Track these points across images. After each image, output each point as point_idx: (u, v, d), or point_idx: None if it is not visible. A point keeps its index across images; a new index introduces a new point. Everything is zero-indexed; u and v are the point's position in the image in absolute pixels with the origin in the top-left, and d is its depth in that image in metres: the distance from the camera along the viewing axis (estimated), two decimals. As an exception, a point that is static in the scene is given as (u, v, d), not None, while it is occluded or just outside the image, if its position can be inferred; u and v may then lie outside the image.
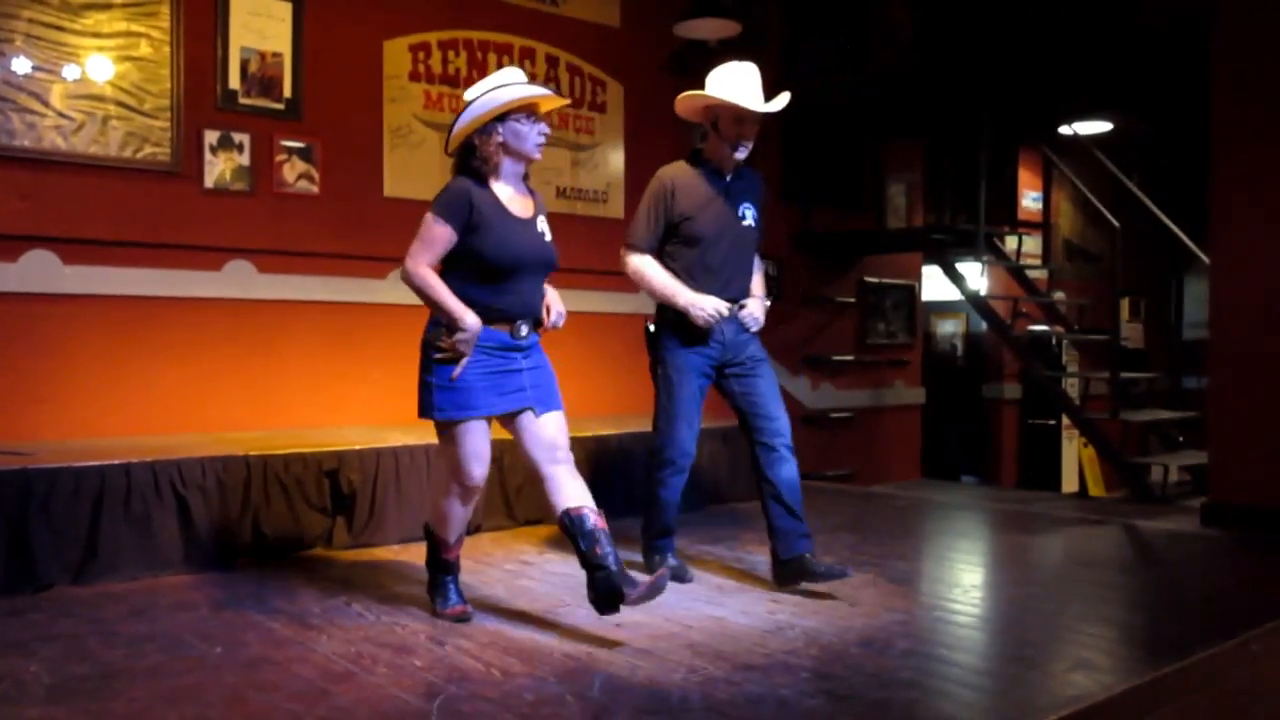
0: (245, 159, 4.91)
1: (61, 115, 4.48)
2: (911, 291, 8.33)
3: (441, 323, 3.09)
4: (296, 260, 5.07)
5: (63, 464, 3.66)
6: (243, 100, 4.92)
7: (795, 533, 3.65)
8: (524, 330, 3.16)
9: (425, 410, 3.15)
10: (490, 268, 3.09)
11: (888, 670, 2.79)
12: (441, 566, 3.35)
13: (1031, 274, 8.35)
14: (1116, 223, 7.02)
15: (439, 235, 3.07)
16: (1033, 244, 9.09)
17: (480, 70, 5.76)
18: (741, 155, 3.72)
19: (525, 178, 3.27)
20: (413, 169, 5.44)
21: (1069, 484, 8.88)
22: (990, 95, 6.92)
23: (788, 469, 3.73)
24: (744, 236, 3.77)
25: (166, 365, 4.74)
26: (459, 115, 3.12)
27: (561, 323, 3.26)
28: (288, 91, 5.04)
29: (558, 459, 3.14)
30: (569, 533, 3.06)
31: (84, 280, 4.54)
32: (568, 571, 3.90)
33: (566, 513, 3.06)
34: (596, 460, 5.03)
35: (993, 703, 2.67)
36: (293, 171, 5.05)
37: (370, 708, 2.48)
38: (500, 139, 3.11)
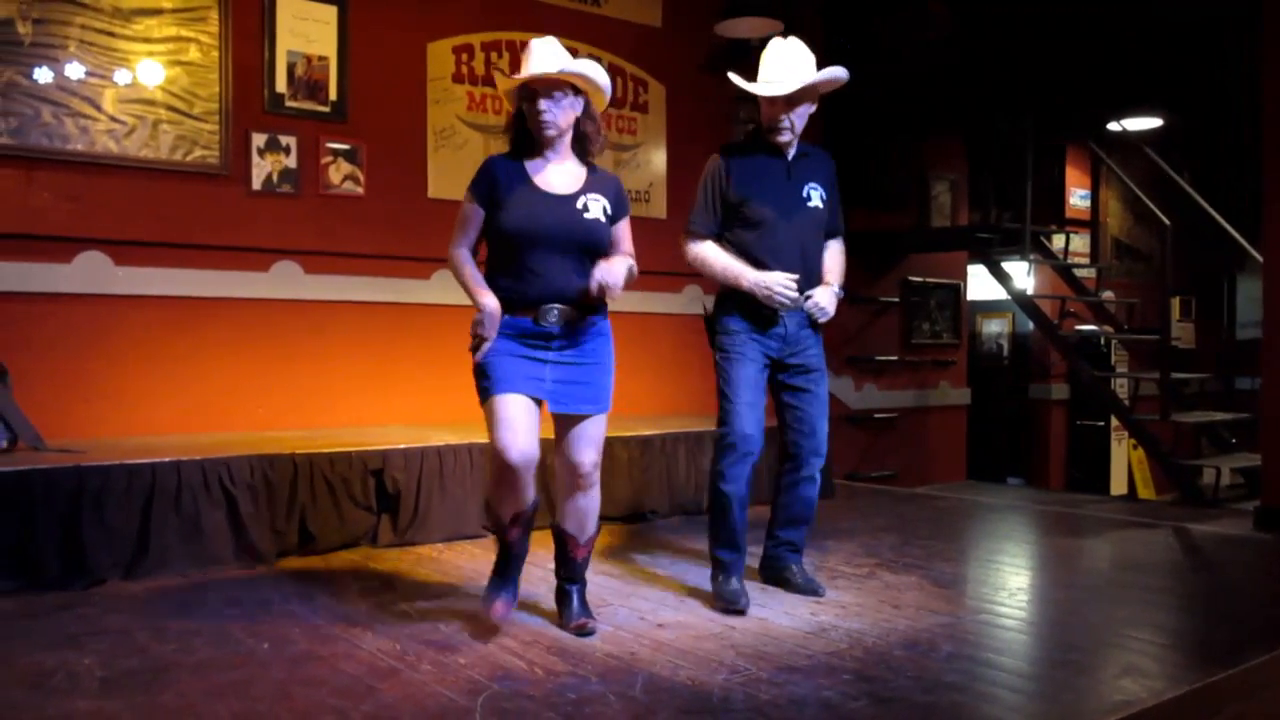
0: (292, 161, 4.98)
1: (114, 119, 4.57)
2: (956, 291, 8.25)
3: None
4: (342, 261, 5.13)
5: (115, 461, 3.72)
6: (289, 103, 4.98)
7: (790, 545, 3.71)
8: (553, 316, 2.97)
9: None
10: (507, 243, 2.98)
11: (932, 673, 2.77)
12: (500, 550, 3.16)
13: (1079, 273, 8.25)
14: (1167, 220, 6.91)
15: (468, 213, 3.04)
16: (1081, 242, 8.98)
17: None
18: (783, 139, 3.51)
19: (587, 155, 3.10)
20: (456, 170, 5.47)
21: (1118, 486, 8.76)
22: (1033, 91, 6.84)
23: (811, 490, 3.68)
24: (809, 219, 3.57)
25: (215, 365, 4.81)
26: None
27: (611, 290, 2.94)
28: (333, 94, 5.10)
29: (576, 485, 3.09)
30: (555, 542, 3.20)
31: (134, 281, 4.62)
32: (610, 571, 3.91)
33: (558, 529, 3.18)
34: (645, 460, 5.05)
35: (1040, 707, 2.63)
36: (338, 173, 5.10)
37: (415, 704, 2.50)
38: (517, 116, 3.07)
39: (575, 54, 3.12)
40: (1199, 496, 6.29)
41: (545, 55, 2.99)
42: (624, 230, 3.16)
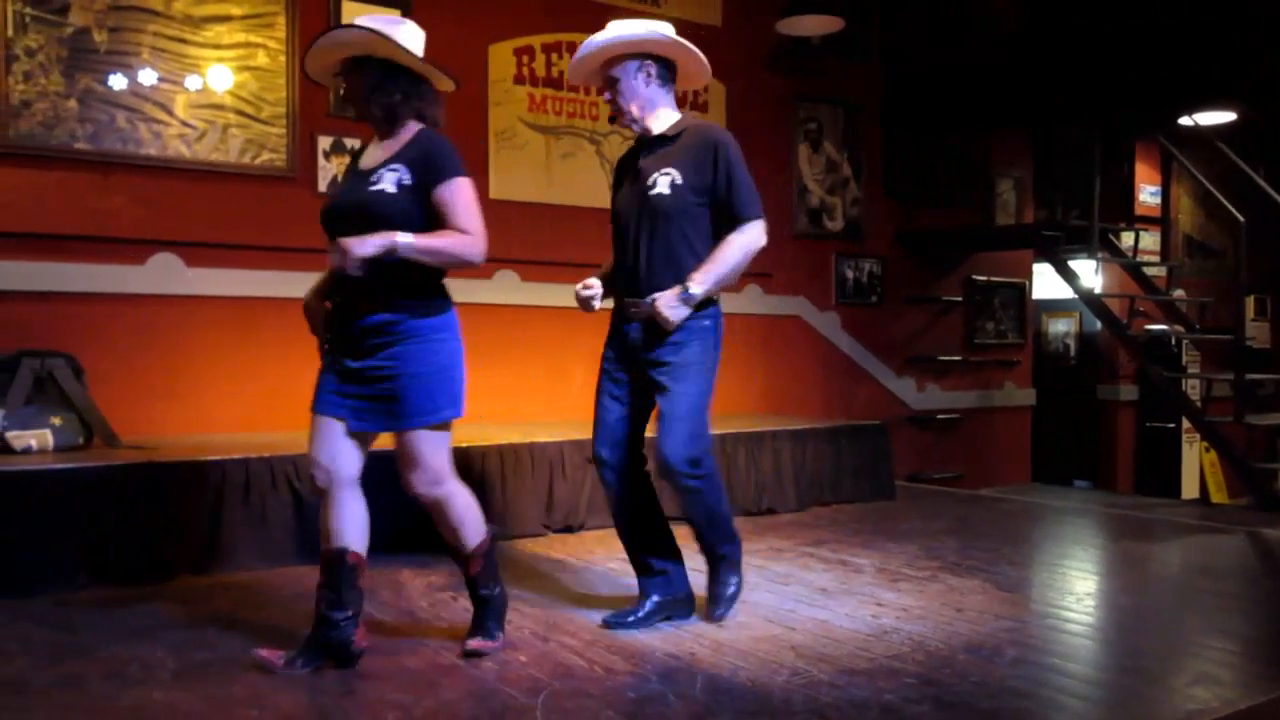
0: (356, 163, 5.04)
1: (185, 124, 4.68)
2: (1022, 290, 8.12)
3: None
4: (405, 261, 5.18)
5: (186, 458, 3.81)
6: (354, 106, 5.05)
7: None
8: (362, 307, 2.72)
9: (456, 404, 2.81)
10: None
11: (996, 678, 2.73)
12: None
13: (1149, 271, 8.05)
14: (1241, 217, 6.73)
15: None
16: (1151, 240, 8.78)
17: (583, 72, 5.81)
18: (624, 123, 3.26)
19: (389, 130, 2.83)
20: (517, 171, 5.52)
21: (1189, 490, 8.55)
22: (1102, 86, 6.70)
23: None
24: (650, 210, 3.13)
25: (282, 364, 4.89)
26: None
27: (342, 265, 2.58)
28: (397, 97, 5.15)
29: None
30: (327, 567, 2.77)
31: (205, 282, 4.73)
32: (669, 571, 3.91)
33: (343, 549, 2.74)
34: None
35: (1108, 715, 2.58)
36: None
37: (476, 701, 2.52)
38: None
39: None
40: (1273, 500, 6.12)
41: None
42: (448, 195, 2.77)
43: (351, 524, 2.76)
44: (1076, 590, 3.84)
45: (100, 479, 3.61)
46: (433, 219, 2.74)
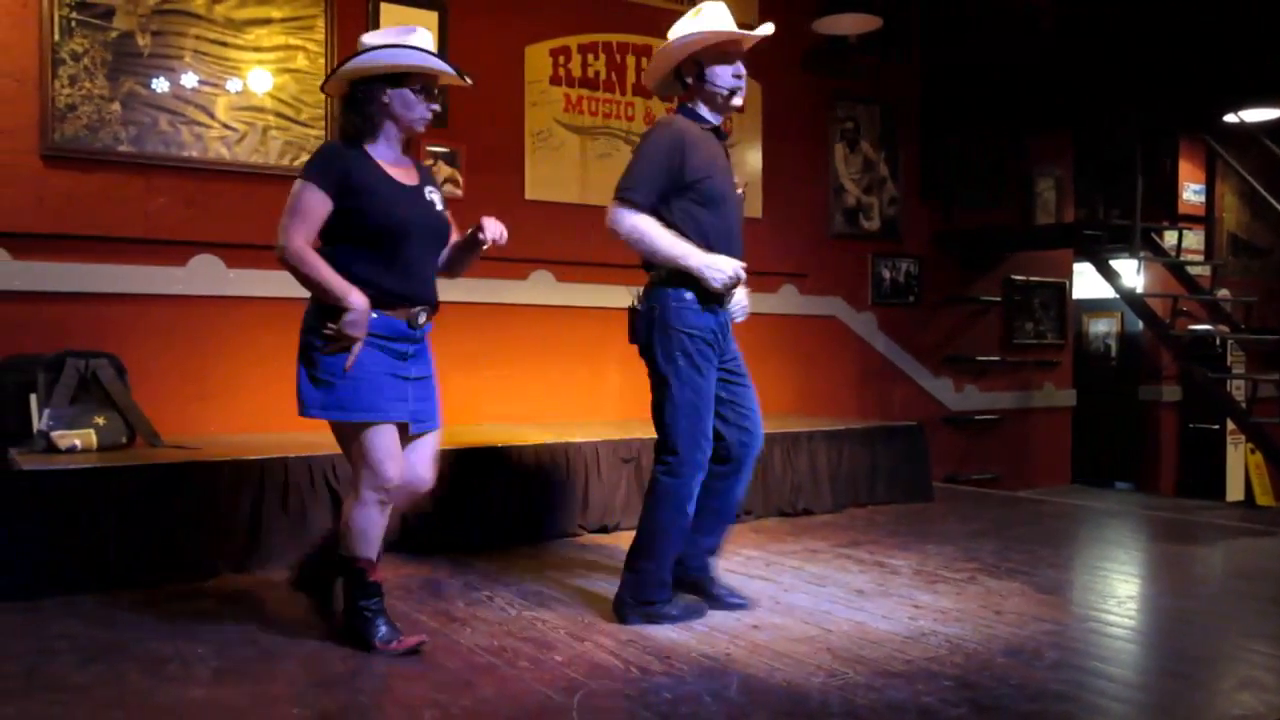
0: (394, 165, 5.07)
1: (226, 126, 4.73)
2: (1062, 290, 8.03)
3: (324, 307, 2.72)
4: (442, 262, 5.21)
5: (226, 458, 3.85)
6: (392, 108, 5.08)
7: (711, 549, 3.43)
8: (421, 319, 2.85)
9: (313, 407, 2.76)
10: (375, 236, 2.74)
11: (1037, 682, 2.69)
12: (368, 592, 2.86)
13: (1193, 270, 7.94)
14: (1288, 215, 6.62)
15: (312, 203, 2.70)
16: (1194, 239, 8.65)
17: (619, 72, 5.83)
18: (739, 102, 3.35)
19: (407, 148, 2.97)
20: (553, 172, 5.53)
21: (1234, 492, 8.42)
22: (1145, 82, 6.60)
23: (742, 488, 3.40)
24: (739, 206, 3.37)
25: (320, 364, 4.94)
26: (351, 56, 2.79)
27: (495, 239, 2.85)
28: (434, 98, 5.19)
29: (414, 499, 2.99)
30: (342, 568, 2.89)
31: (245, 283, 4.78)
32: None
33: (357, 558, 2.83)
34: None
35: (1151, 719, 2.54)
36: (438, 175, 5.19)
37: (512, 700, 2.53)
38: (386, 100, 2.80)
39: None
40: (1322, 503, 6.01)
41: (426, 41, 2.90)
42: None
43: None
44: (1118, 593, 3.79)
45: (142, 478, 3.66)
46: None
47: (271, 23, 4.84)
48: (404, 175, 2.87)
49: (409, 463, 2.89)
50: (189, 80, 4.66)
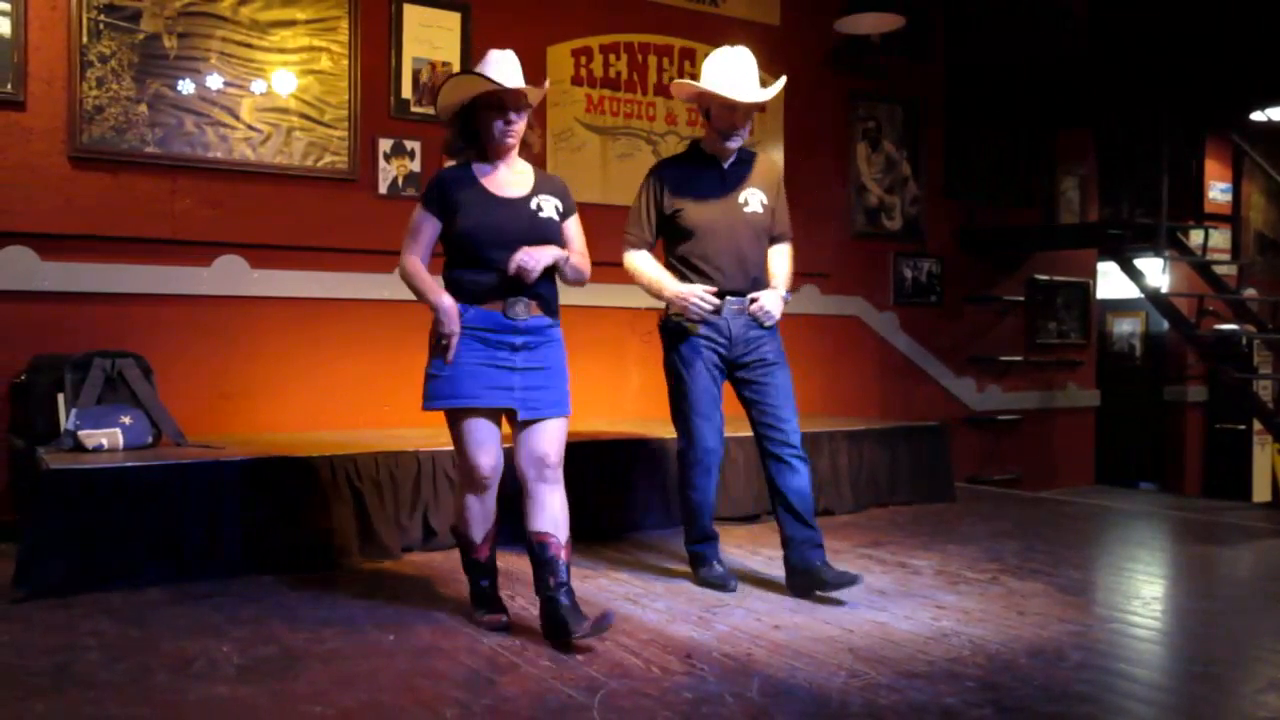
0: (416, 165, 5.11)
1: (250, 128, 4.77)
2: (1085, 289, 7.98)
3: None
4: (464, 262, 5.23)
5: (250, 457, 3.88)
6: (414, 109, 5.12)
7: (808, 542, 3.55)
8: (519, 309, 3.02)
9: (424, 399, 3.04)
10: (467, 248, 3.02)
11: (1060, 683, 2.68)
12: (470, 568, 3.25)
13: (1219, 270, 7.86)
14: (1315, 214, 6.55)
15: (421, 224, 3.09)
16: (1221, 238, 8.58)
17: (640, 73, 5.83)
18: (734, 144, 3.62)
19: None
20: (574, 171, 5.54)
21: (1260, 493, 8.35)
22: (1171, 81, 6.55)
23: (798, 479, 3.57)
24: (747, 224, 3.61)
25: (342, 364, 4.97)
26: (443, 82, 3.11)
27: (527, 272, 2.95)
28: (456, 99, 5.21)
29: (544, 476, 3.04)
30: (530, 556, 3.06)
31: (269, 283, 4.82)
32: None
33: (532, 535, 3.03)
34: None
35: (1175, 722, 2.53)
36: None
37: (534, 699, 2.54)
38: (473, 126, 3.10)
39: (693, 54, 3.15)
40: (1350, 505, 5.95)
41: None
42: (574, 228, 3.21)
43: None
44: (1142, 594, 3.77)
45: (167, 477, 3.69)
46: None
47: (296, 24, 4.87)
48: (512, 187, 3.11)
49: (528, 443, 3.05)
50: (214, 82, 4.70)
